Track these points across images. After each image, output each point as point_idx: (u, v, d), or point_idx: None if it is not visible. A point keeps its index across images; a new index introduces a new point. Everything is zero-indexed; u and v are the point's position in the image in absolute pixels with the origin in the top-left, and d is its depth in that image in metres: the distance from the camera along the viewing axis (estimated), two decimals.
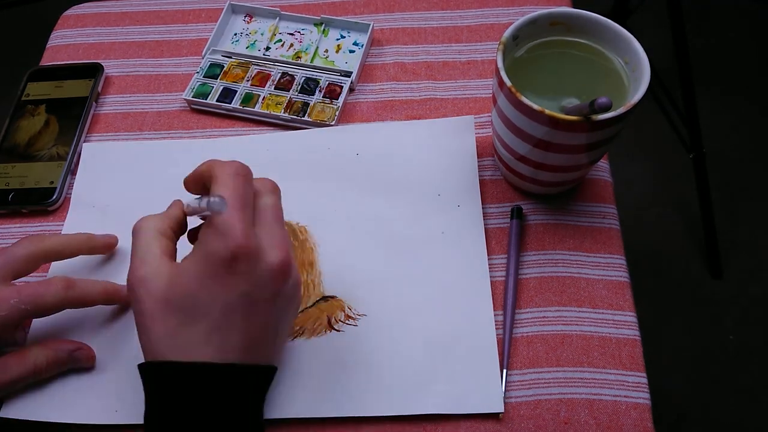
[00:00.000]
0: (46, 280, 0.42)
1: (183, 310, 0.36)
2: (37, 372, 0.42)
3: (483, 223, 0.50)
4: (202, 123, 0.58)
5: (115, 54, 0.63)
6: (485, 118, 0.57)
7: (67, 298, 0.42)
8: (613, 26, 0.46)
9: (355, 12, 0.65)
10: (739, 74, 1.59)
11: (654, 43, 0.76)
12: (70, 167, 0.55)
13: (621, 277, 0.49)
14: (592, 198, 0.52)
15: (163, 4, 0.67)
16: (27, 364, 0.42)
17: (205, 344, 0.35)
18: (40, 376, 0.43)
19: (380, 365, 0.45)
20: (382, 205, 0.52)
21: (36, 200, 0.54)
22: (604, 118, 0.41)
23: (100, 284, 0.45)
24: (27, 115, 0.58)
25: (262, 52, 0.62)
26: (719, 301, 1.29)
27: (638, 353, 0.45)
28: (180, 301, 0.36)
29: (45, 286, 0.42)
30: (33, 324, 0.47)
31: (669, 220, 1.39)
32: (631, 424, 0.43)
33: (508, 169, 0.50)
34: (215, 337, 0.36)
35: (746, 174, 1.44)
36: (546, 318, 0.47)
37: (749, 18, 1.68)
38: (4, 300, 0.40)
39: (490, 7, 0.64)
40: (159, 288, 0.36)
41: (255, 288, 0.36)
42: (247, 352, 0.37)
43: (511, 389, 0.44)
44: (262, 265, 0.36)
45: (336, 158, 0.54)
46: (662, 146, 1.43)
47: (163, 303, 0.36)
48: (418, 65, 0.60)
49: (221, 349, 0.36)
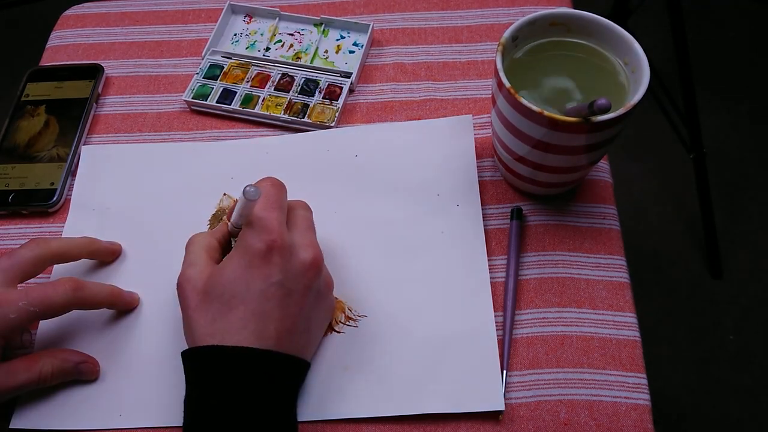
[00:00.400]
0: (54, 282, 0.43)
1: (221, 299, 0.39)
2: (42, 380, 0.43)
3: (482, 223, 0.50)
4: (202, 124, 0.58)
5: (115, 54, 0.63)
6: (485, 119, 0.57)
7: (75, 299, 0.43)
8: (612, 27, 0.46)
9: (355, 12, 0.65)
10: (739, 74, 1.58)
11: (654, 43, 0.77)
12: (71, 168, 0.55)
13: (621, 278, 0.49)
14: (592, 199, 0.52)
15: (163, 5, 0.67)
16: (33, 371, 0.42)
17: (242, 329, 0.39)
18: (44, 384, 0.43)
19: (381, 366, 0.45)
20: (382, 205, 0.52)
21: (36, 201, 0.54)
22: (604, 120, 0.41)
23: (107, 287, 0.46)
24: (27, 115, 0.58)
25: (261, 52, 0.62)
26: (719, 301, 1.29)
27: (638, 354, 0.45)
28: (219, 290, 0.39)
29: (53, 287, 0.42)
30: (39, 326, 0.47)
31: (669, 220, 1.39)
32: (631, 425, 0.43)
33: (508, 170, 0.50)
34: (251, 323, 0.39)
35: (746, 174, 1.44)
36: (546, 319, 0.47)
37: (749, 18, 1.67)
38: (12, 302, 0.41)
39: (490, 7, 0.64)
40: (201, 282, 0.40)
41: (288, 279, 0.40)
42: (281, 341, 0.40)
43: (511, 390, 0.44)
44: (295, 260, 0.40)
45: (335, 160, 0.54)
46: (662, 146, 1.43)
47: (203, 294, 0.40)
48: (418, 66, 0.60)
49: (257, 335, 0.39)
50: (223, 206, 0.52)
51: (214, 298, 0.39)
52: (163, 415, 0.44)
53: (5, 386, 0.41)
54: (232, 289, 0.39)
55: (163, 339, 0.46)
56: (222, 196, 0.53)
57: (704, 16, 1.66)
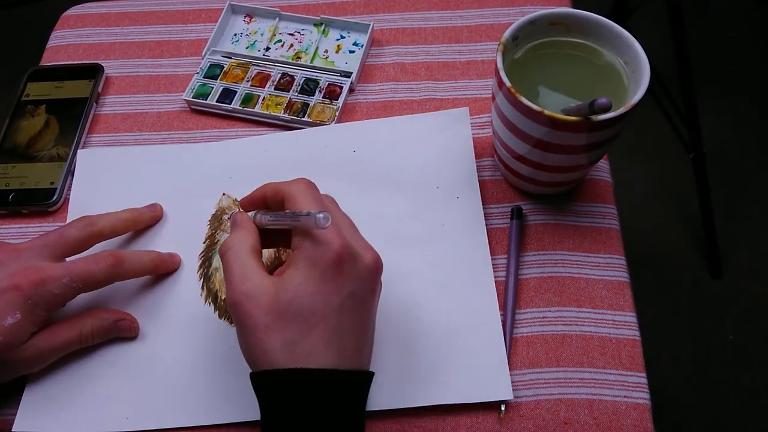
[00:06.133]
0: (94, 256, 0.44)
1: (299, 319, 0.36)
2: (83, 338, 0.45)
3: (483, 213, 0.50)
4: (202, 123, 0.58)
5: (115, 54, 0.63)
6: (485, 119, 0.57)
7: (116, 273, 0.45)
8: (612, 27, 0.46)
9: (355, 12, 0.65)
10: (739, 74, 1.59)
11: (654, 43, 0.76)
12: (71, 168, 0.55)
13: (621, 277, 0.49)
14: (592, 198, 0.52)
15: (163, 5, 0.67)
16: (74, 330, 0.44)
17: (326, 349, 0.36)
18: (86, 343, 0.45)
19: (387, 359, 0.45)
20: (382, 200, 0.52)
21: (36, 201, 0.54)
22: (604, 119, 0.41)
23: (148, 255, 0.47)
24: (27, 115, 0.58)
25: (261, 52, 0.62)
26: (719, 301, 1.29)
27: (638, 353, 0.45)
28: (295, 308, 0.36)
29: (94, 263, 0.44)
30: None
31: (669, 219, 1.39)
32: (631, 425, 0.43)
33: (508, 169, 0.50)
34: (335, 341, 0.37)
35: (746, 174, 1.44)
36: (546, 318, 0.47)
37: (749, 18, 1.68)
38: (56, 278, 0.42)
39: (490, 7, 0.64)
40: (268, 300, 0.37)
41: (359, 286, 0.38)
42: (359, 354, 0.38)
43: (511, 389, 0.44)
44: (361, 265, 0.38)
45: (334, 156, 0.54)
46: (662, 146, 1.43)
47: (275, 314, 0.36)
48: (418, 65, 0.60)
49: (339, 353, 0.37)
50: (222, 206, 0.52)
51: (289, 318, 0.36)
52: (170, 417, 0.44)
53: (49, 345, 0.43)
54: (311, 307, 0.36)
55: (169, 340, 0.46)
56: (221, 196, 0.53)
57: (704, 16, 1.66)
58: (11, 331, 0.41)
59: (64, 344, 0.44)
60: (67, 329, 0.44)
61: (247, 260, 0.39)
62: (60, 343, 0.44)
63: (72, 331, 0.44)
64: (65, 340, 0.44)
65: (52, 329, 0.43)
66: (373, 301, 0.40)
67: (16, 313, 0.41)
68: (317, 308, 0.36)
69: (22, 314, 0.41)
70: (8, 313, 0.40)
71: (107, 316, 0.46)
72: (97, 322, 0.45)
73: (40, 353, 0.43)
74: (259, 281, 0.37)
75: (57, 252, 0.44)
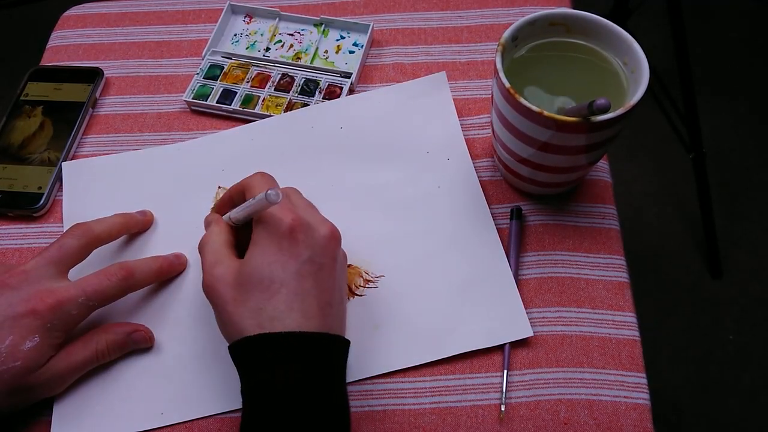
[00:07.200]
0: (105, 272, 0.44)
1: (260, 287, 0.39)
2: (99, 355, 0.45)
3: (475, 171, 0.52)
4: (202, 124, 0.58)
5: (115, 55, 0.63)
6: (485, 119, 0.57)
7: (128, 286, 0.45)
8: (612, 27, 0.46)
9: (355, 12, 0.65)
10: (739, 74, 1.58)
11: (654, 43, 0.77)
12: (60, 174, 0.55)
13: (621, 278, 0.49)
14: (592, 198, 0.52)
15: (163, 5, 0.67)
16: (90, 348, 0.44)
17: (289, 312, 0.39)
18: (104, 360, 0.45)
19: (408, 318, 0.47)
20: (375, 171, 0.53)
21: (23, 205, 0.53)
22: (603, 119, 0.41)
23: (156, 262, 0.48)
24: (24, 115, 0.58)
25: (261, 52, 0.62)
26: (719, 301, 1.29)
27: (638, 354, 0.45)
28: (256, 279, 0.39)
29: (106, 278, 0.44)
30: None
31: (669, 220, 1.39)
32: (631, 425, 0.43)
33: (508, 170, 0.50)
34: (296, 303, 0.39)
35: (746, 174, 1.44)
36: (546, 318, 0.47)
37: (749, 18, 1.68)
38: (72, 299, 0.42)
39: (489, 7, 0.64)
40: (232, 277, 0.40)
41: (316, 254, 0.40)
42: (324, 315, 0.40)
43: (511, 390, 0.44)
44: (316, 234, 0.41)
45: (321, 135, 0.55)
46: (662, 146, 1.43)
47: (240, 287, 0.40)
48: (418, 66, 0.60)
49: (303, 314, 0.39)
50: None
51: (251, 287, 0.39)
52: (203, 407, 0.45)
53: (67, 366, 0.43)
54: (270, 274, 0.39)
55: (195, 333, 0.47)
56: (217, 189, 0.53)
57: (704, 16, 1.66)
58: (30, 355, 0.41)
59: (82, 363, 0.44)
60: (82, 348, 0.44)
61: (220, 249, 0.42)
62: (77, 363, 0.44)
63: (88, 348, 0.44)
64: (82, 359, 0.44)
65: (68, 349, 0.43)
66: (334, 268, 0.42)
67: (34, 337, 0.41)
68: (276, 275, 0.39)
69: (41, 338, 0.41)
70: (26, 337, 0.41)
71: (120, 330, 0.46)
72: (112, 336, 0.45)
73: (58, 375, 0.43)
74: (228, 264, 0.41)
75: (62, 266, 0.44)
